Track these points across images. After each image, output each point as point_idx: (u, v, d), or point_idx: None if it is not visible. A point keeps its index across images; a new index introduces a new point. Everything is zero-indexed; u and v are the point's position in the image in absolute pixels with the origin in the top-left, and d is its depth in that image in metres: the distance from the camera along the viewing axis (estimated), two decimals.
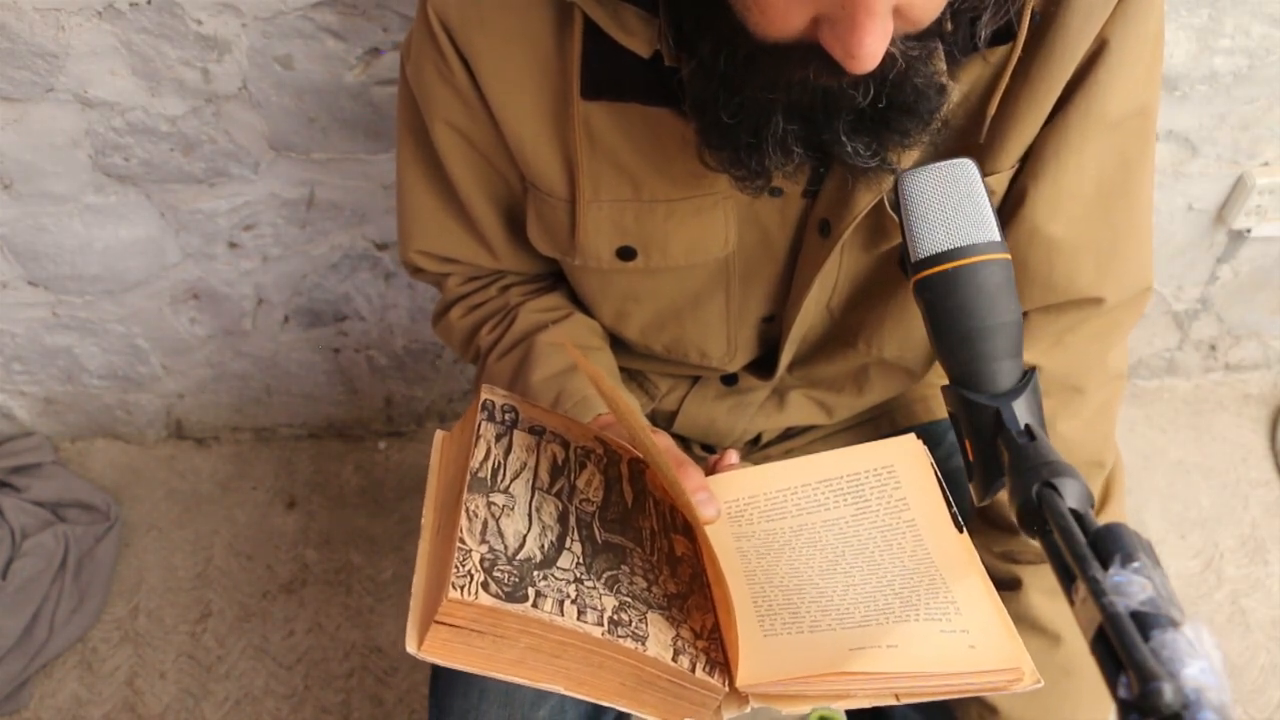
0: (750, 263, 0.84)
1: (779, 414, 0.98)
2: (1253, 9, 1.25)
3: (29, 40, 1.16)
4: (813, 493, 0.71)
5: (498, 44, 0.75)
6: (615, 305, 0.89)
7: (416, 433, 1.80)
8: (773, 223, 0.81)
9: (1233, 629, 1.58)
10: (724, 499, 0.70)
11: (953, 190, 0.63)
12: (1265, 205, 1.50)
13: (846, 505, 0.70)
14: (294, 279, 1.51)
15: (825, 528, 0.69)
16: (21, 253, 1.43)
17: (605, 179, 0.78)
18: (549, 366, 0.86)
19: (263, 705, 1.53)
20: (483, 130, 0.80)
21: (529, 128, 0.77)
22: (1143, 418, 1.80)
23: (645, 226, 0.80)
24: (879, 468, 0.70)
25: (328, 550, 1.67)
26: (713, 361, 0.92)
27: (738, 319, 0.88)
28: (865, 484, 0.70)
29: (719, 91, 0.65)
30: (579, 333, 0.93)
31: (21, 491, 1.62)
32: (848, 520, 0.69)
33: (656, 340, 0.91)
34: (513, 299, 0.94)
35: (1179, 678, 0.41)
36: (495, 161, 0.83)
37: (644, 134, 0.75)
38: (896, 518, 0.68)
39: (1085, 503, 0.54)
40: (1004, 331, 0.62)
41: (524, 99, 0.76)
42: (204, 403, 1.72)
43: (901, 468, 0.70)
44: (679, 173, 0.77)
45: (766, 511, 0.71)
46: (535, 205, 0.83)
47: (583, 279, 0.88)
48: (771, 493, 0.71)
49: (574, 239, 0.82)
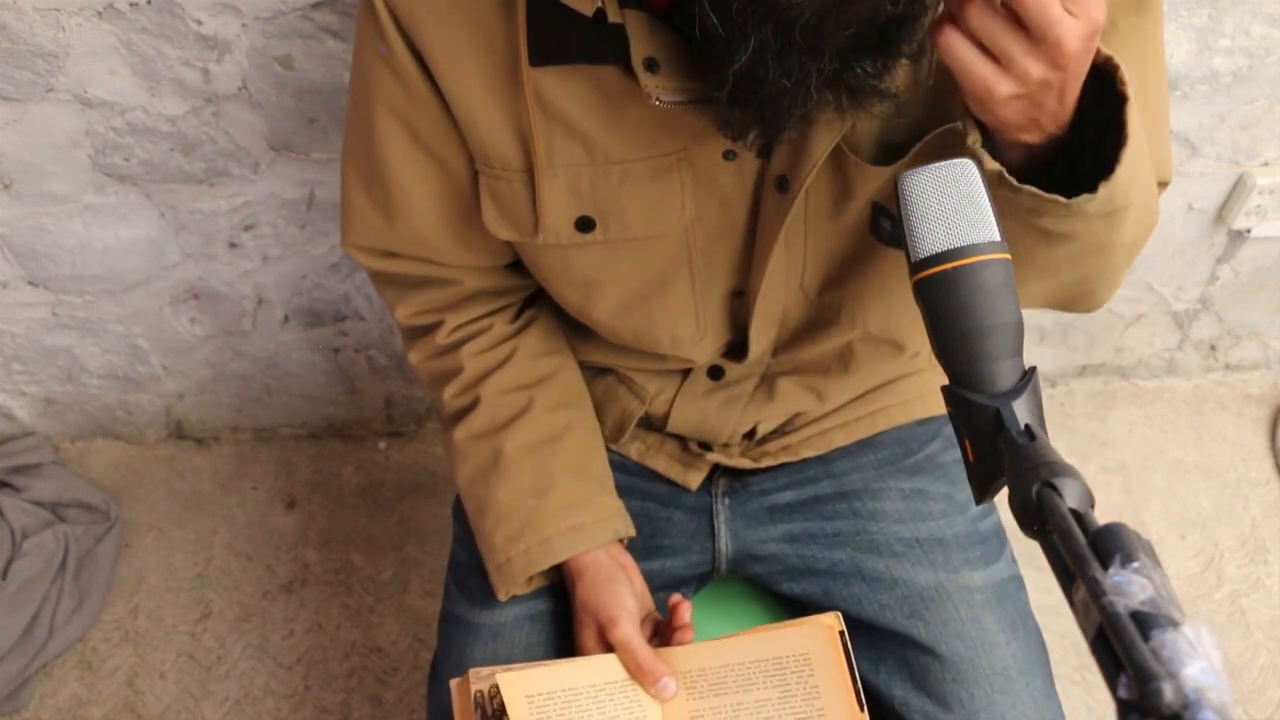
0: (711, 233, 0.83)
1: (770, 404, 0.97)
2: (1253, 9, 1.25)
3: (29, 40, 1.16)
4: (747, 671, 0.84)
5: (443, 19, 0.74)
6: (579, 291, 0.88)
7: (417, 433, 1.80)
8: (730, 187, 0.80)
9: (1233, 629, 1.58)
10: (678, 669, 0.85)
11: (952, 190, 0.63)
12: (1265, 205, 1.50)
13: (772, 688, 0.83)
14: (294, 279, 1.51)
15: (757, 707, 0.83)
16: (21, 253, 1.43)
17: (559, 145, 0.78)
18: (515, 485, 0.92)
19: (263, 705, 1.53)
20: (425, 115, 0.79)
21: (479, 100, 0.77)
22: (1143, 418, 1.80)
23: (601, 193, 0.80)
24: (797, 654, 0.83)
25: (328, 550, 1.67)
26: (684, 346, 0.91)
27: (704, 294, 0.87)
28: (786, 669, 0.83)
29: (779, 63, 0.61)
30: (524, 372, 0.94)
31: (21, 491, 1.62)
32: (773, 703, 0.83)
33: (625, 327, 0.90)
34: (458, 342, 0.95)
35: (1179, 678, 0.41)
36: (437, 150, 0.81)
37: (593, 94, 0.75)
38: (809, 704, 0.82)
39: (1085, 503, 0.54)
40: (1004, 331, 0.62)
41: (472, 72, 0.76)
42: (204, 403, 1.73)
43: (816, 654, 0.83)
44: (631, 132, 0.76)
45: (715, 686, 0.84)
46: (490, 187, 0.82)
47: (543, 261, 0.87)
48: (716, 667, 0.84)
49: (535, 213, 0.81)
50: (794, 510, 1.01)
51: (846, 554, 0.97)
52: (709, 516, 1.02)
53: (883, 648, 0.94)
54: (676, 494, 1.03)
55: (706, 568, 1.02)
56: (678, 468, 1.02)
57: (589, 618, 0.88)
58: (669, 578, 0.99)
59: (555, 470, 0.92)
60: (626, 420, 1.00)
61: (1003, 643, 0.92)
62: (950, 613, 0.93)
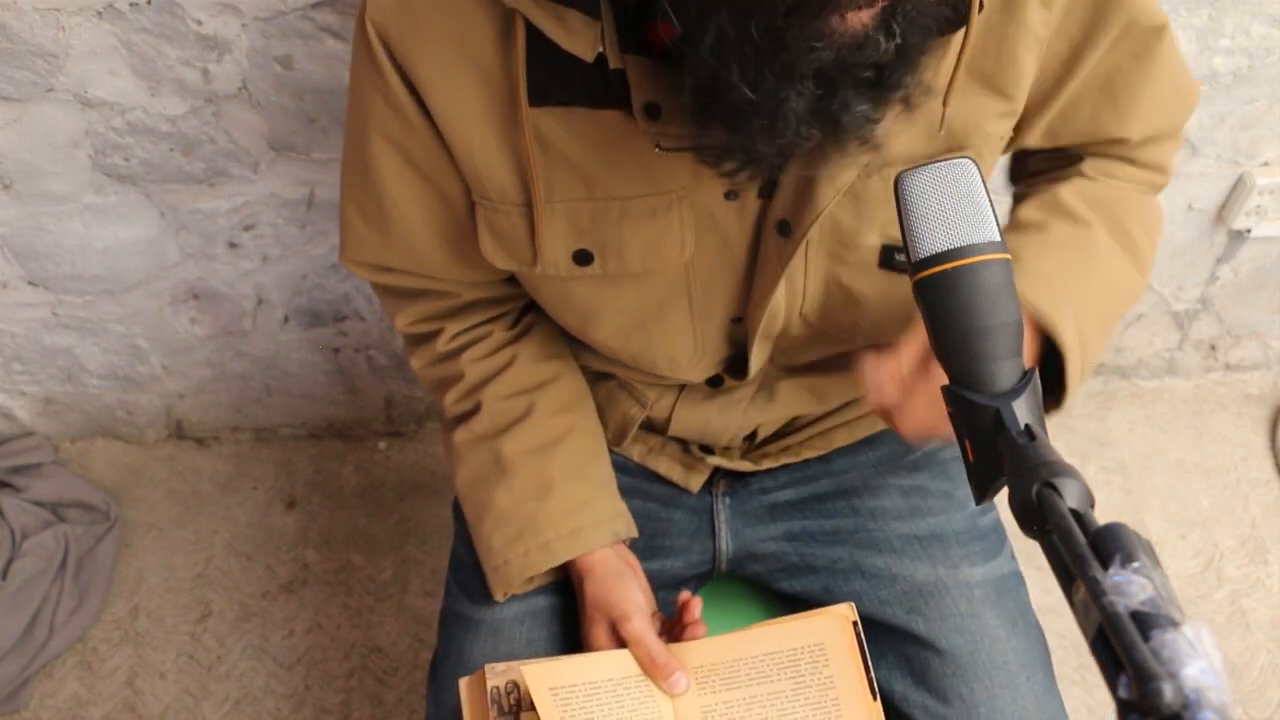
0: (711, 268, 0.83)
1: (770, 406, 0.97)
2: (1253, 9, 1.25)
3: (29, 40, 1.16)
4: (761, 664, 0.84)
5: (440, 54, 0.74)
6: (577, 317, 0.88)
7: (416, 433, 1.80)
8: (731, 227, 0.80)
9: (1233, 629, 1.58)
10: (690, 664, 0.85)
11: (952, 190, 0.63)
12: (1265, 205, 1.50)
13: (786, 679, 0.83)
14: (294, 279, 1.51)
15: (770, 699, 0.83)
16: (21, 253, 1.43)
17: (558, 180, 0.78)
18: (515, 489, 0.92)
19: (263, 705, 1.53)
20: (420, 144, 0.79)
21: (476, 134, 0.76)
22: (1143, 418, 1.80)
23: (600, 227, 0.80)
24: (811, 645, 0.83)
25: (328, 550, 1.67)
26: (682, 367, 0.91)
27: (702, 321, 0.88)
28: (801, 659, 0.83)
29: (740, 65, 0.60)
30: (524, 377, 0.94)
31: (21, 491, 1.62)
32: (787, 695, 0.83)
33: (623, 350, 0.90)
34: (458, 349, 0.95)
35: (1179, 678, 0.41)
36: (433, 177, 0.81)
37: (593, 133, 0.75)
38: (824, 695, 0.82)
39: (1085, 503, 0.54)
40: (1004, 331, 0.62)
41: (470, 108, 0.75)
42: (204, 403, 1.73)
43: (830, 644, 0.83)
44: (631, 171, 0.76)
45: (727, 680, 0.84)
46: (487, 218, 0.82)
47: (543, 288, 0.87)
48: (729, 661, 0.84)
49: (533, 244, 0.81)
50: (794, 508, 1.01)
51: (846, 551, 0.98)
52: (709, 516, 1.02)
53: (883, 643, 0.94)
54: (677, 494, 1.03)
55: (707, 567, 1.02)
56: (679, 470, 1.02)
57: (600, 614, 0.88)
58: (670, 578, 0.99)
59: (555, 474, 0.92)
60: (628, 424, 1.00)
61: (1002, 638, 0.92)
62: (950, 608, 0.93)
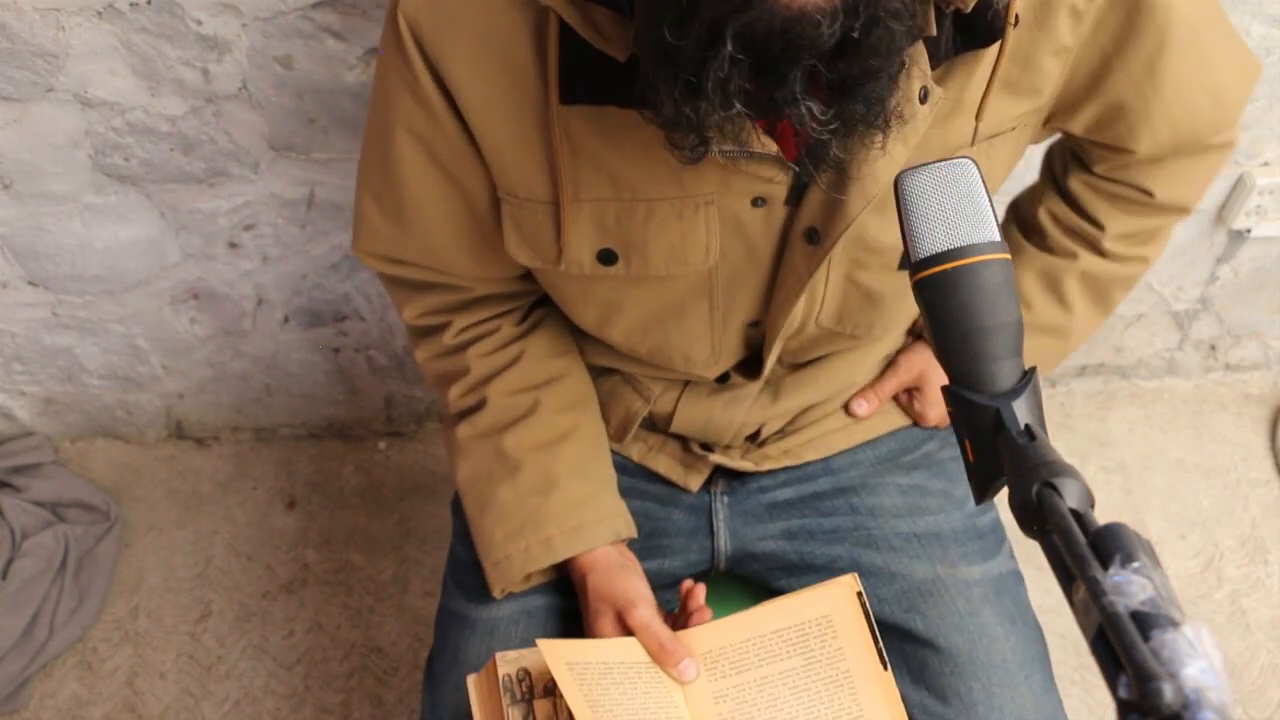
0: (735, 273, 0.84)
1: (775, 404, 0.98)
2: (1253, 9, 1.25)
3: (29, 40, 1.16)
4: (769, 643, 0.83)
5: (472, 51, 0.74)
6: (598, 312, 0.88)
7: (417, 433, 1.80)
8: (757, 233, 0.80)
9: (1233, 629, 1.58)
10: (698, 650, 0.84)
11: (952, 190, 0.63)
12: (1265, 205, 1.50)
13: (796, 656, 0.83)
14: (294, 279, 1.51)
15: (782, 679, 0.82)
16: (21, 253, 1.43)
17: (585, 179, 0.78)
18: (518, 484, 0.92)
19: (263, 705, 1.53)
20: (446, 141, 0.79)
21: (505, 132, 0.77)
22: (1143, 418, 1.80)
23: (626, 227, 0.80)
24: (819, 618, 0.83)
25: (328, 550, 1.67)
26: (697, 366, 0.92)
27: (722, 325, 0.88)
28: (809, 634, 0.83)
29: (669, 10, 0.59)
30: (531, 374, 0.94)
31: (21, 491, 1.62)
32: (798, 671, 0.82)
33: (640, 345, 0.91)
34: (465, 343, 0.94)
35: (1179, 678, 0.41)
36: (456, 174, 0.81)
37: (624, 135, 0.75)
38: (835, 668, 0.82)
39: (1085, 503, 0.54)
40: (1004, 331, 0.62)
41: (501, 105, 0.75)
42: (204, 403, 1.73)
43: (838, 616, 0.83)
44: (659, 173, 0.76)
45: (736, 663, 0.83)
46: (513, 215, 0.82)
47: (564, 286, 0.87)
48: (737, 643, 0.84)
49: (559, 243, 0.81)
50: (792, 507, 1.01)
51: (845, 549, 0.98)
52: (708, 515, 1.02)
53: (881, 641, 0.94)
54: (675, 493, 1.03)
55: (705, 566, 1.02)
56: (679, 469, 1.02)
57: (605, 605, 0.88)
58: (668, 577, 0.99)
59: (559, 470, 0.92)
60: (631, 420, 1.00)
61: (1001, 636, 0.92)
62: (948, 606, 0.93)
